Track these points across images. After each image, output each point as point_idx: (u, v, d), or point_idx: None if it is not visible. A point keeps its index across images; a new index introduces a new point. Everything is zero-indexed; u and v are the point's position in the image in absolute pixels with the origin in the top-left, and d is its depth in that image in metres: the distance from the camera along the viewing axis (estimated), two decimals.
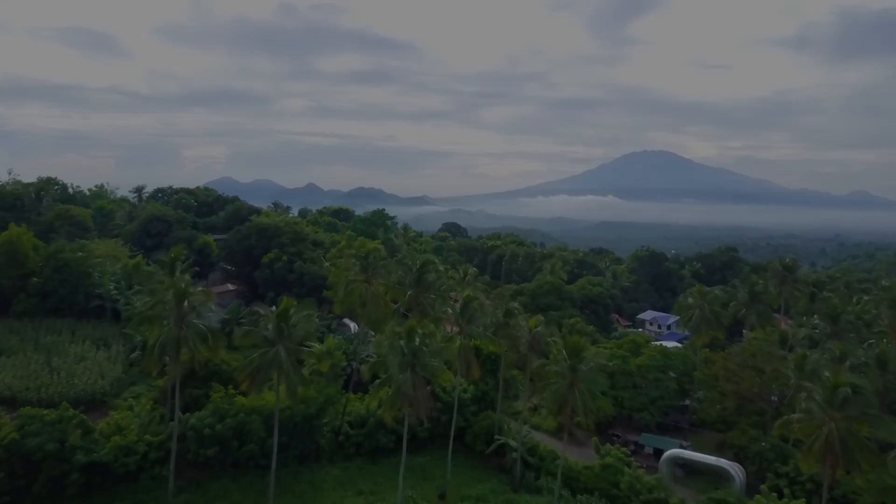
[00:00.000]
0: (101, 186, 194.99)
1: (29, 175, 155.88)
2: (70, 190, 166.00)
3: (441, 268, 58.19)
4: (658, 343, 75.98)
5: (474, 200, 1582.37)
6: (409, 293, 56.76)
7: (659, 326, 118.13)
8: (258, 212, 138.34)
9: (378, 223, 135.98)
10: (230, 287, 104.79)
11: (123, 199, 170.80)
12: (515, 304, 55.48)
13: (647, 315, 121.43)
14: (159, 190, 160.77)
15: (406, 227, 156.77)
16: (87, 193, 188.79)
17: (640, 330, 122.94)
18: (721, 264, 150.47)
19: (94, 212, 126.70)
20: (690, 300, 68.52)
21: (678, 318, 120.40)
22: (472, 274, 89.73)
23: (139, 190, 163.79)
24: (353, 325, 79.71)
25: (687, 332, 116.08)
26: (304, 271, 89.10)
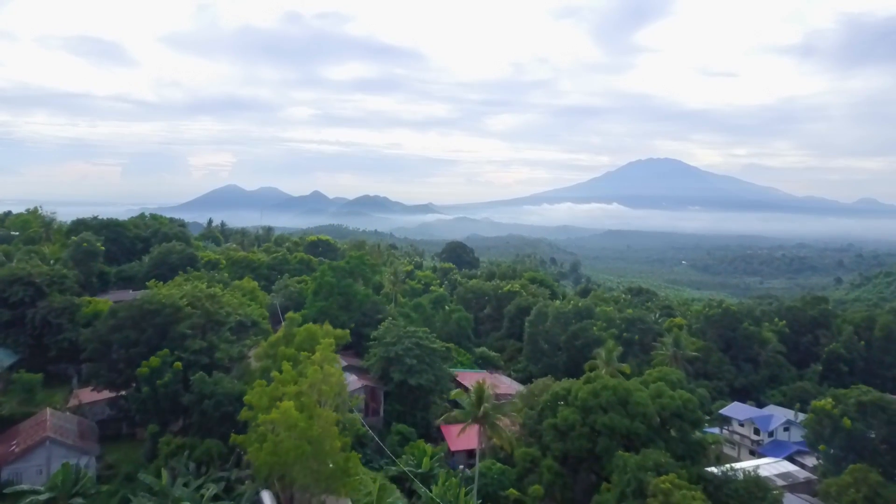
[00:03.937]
0: (35, 210, 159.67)
1: (35, 184, 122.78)
2: None
3: None
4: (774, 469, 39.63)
5: (479, 208, 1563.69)
6: None
7: (757, 432, 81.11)
8: (193, 259, 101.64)
9: (356, 272, 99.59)
10: (111, 393, 68.01)
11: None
12: None
13: (737, 412, 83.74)
14: (80, 221, 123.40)
15: (396, 272, 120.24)
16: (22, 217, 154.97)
17: (724, 431, 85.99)
18: (810, 320, 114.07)
19: None
20: None
21: (784, 417, 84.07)
22: (489, 403, 53.47)
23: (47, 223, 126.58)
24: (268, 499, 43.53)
25: (802, 443, 79.92)
26: (206, 390, 52.72)
